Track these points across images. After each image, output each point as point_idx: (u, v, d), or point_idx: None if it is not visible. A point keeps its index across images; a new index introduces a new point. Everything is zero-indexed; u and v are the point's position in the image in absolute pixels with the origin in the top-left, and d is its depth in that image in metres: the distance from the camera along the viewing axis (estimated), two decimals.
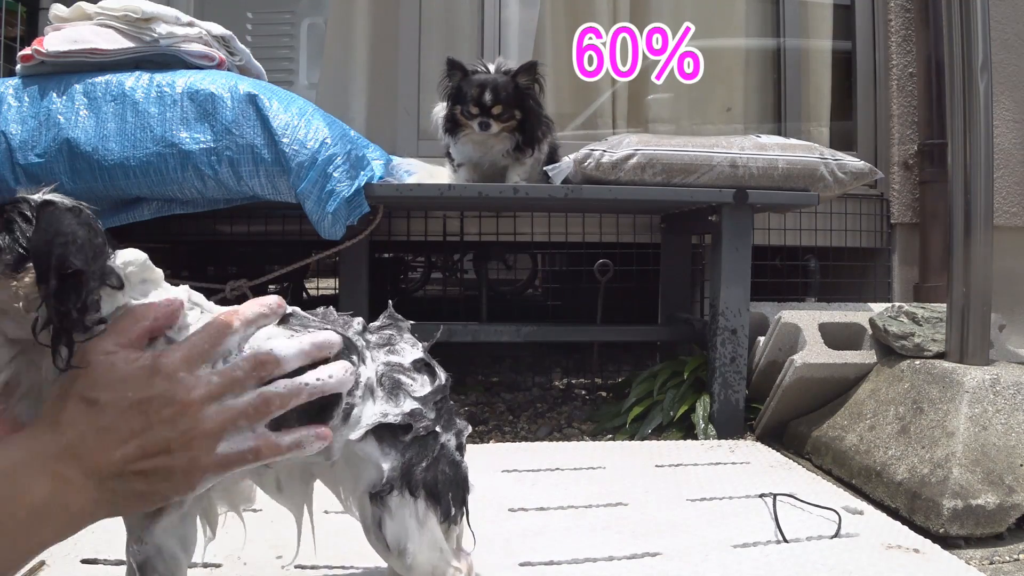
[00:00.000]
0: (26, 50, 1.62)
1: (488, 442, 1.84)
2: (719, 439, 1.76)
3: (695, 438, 1.77)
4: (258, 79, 1.85)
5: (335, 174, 1.60)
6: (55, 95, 1.59)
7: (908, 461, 1.36)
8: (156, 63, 1.67)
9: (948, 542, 1.19)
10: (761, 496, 1.32)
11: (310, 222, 1.64)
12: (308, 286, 3.60)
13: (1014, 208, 2.53)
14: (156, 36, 1.64)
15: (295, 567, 1.00)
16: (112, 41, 1.62)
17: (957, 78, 1.53)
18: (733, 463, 1.55)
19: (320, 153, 1.58)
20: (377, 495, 0.72)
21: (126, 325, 0.60)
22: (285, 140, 1.57)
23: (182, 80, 1.60)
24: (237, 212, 1.89)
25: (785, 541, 1.12)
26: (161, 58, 1.67)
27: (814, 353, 1.71)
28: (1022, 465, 1.28)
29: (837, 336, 1.79)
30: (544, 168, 1.91)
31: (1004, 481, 1.25)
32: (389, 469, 0.72)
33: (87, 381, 0.57)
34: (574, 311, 2.69)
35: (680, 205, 2.05)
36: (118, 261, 0.63)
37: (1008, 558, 1.17)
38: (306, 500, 0.79)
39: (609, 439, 1.86)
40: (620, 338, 2.35)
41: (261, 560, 1.02)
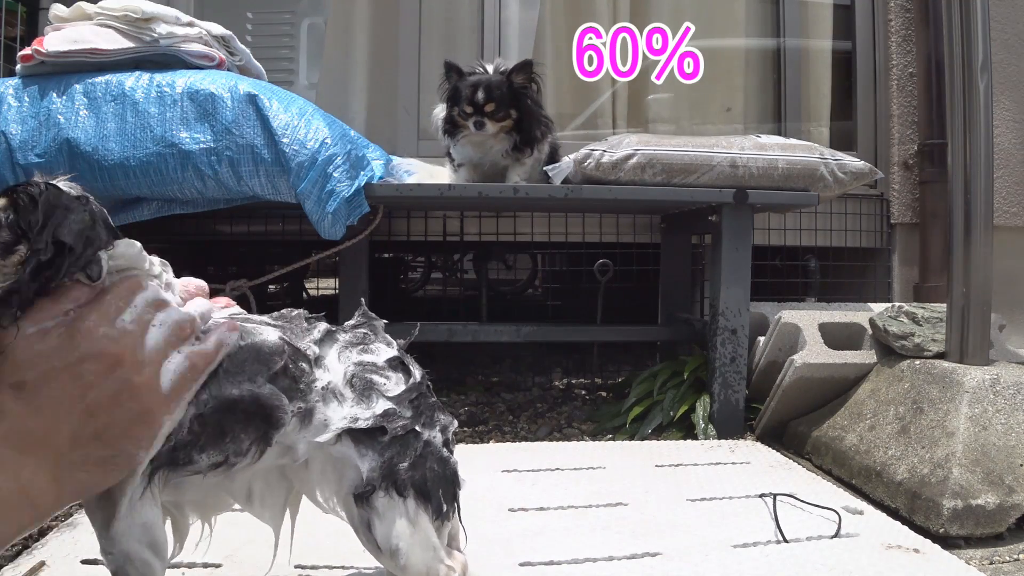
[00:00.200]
0: (26, 50, 1.62)
1: (488, 442, 1.84)
2: (719, 439, 1.76)
3: (695, 438, 1.77)
4: (258, 79, 1.85)
5: (335, 174, 1.60)
6: (55, 95, 1.59)
7: (908, 461, 1.36)
8: (156, 63, 1.67)
9: (948, 542, 1.19)
10: (761, 496, 1.32)
11: (310, 222, 1.64)
12: (308, 286, 3.60)
13: (1014, 208, 2.53)
14: (156, 36, 1.64)
15: (295, 567, 1.00)
16: (112, 41, 1.62)
17: (957, 78, 1.53)
18: (733, 463, 1.55)
19: (320, 153, 1.58)
20: (361, 496, 0.72)
21: (43, 306, 0.58)
22: (285, 140, 1.57)
23: (182, 80, 1.60)
24: (237, 212, 1.89)
25: (785, 541, 1.12)
26: (161, 58, 1.67)
27: (814, 353, 1.71)
28: (1022, 465, 1.28)
29: (837, 336, 1.79)
30: (544, 168, 1.91)
31: (1004, 481, 1.25)
32: (368, 469, 0.72)
33: (10, 368, 0.55)
34: (574, 311, 2.69)
35: (680, 205, 2.04)
36: (112, 251, 0.63)
37: (1008, 558, 1.17)
38: (286, 509, 0.78)
39: (609, 439, 1.86)
40: (620, 338, 2.35)
41: (261, 560, 1.02)
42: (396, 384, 0.76)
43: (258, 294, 1.71)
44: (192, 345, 0.64)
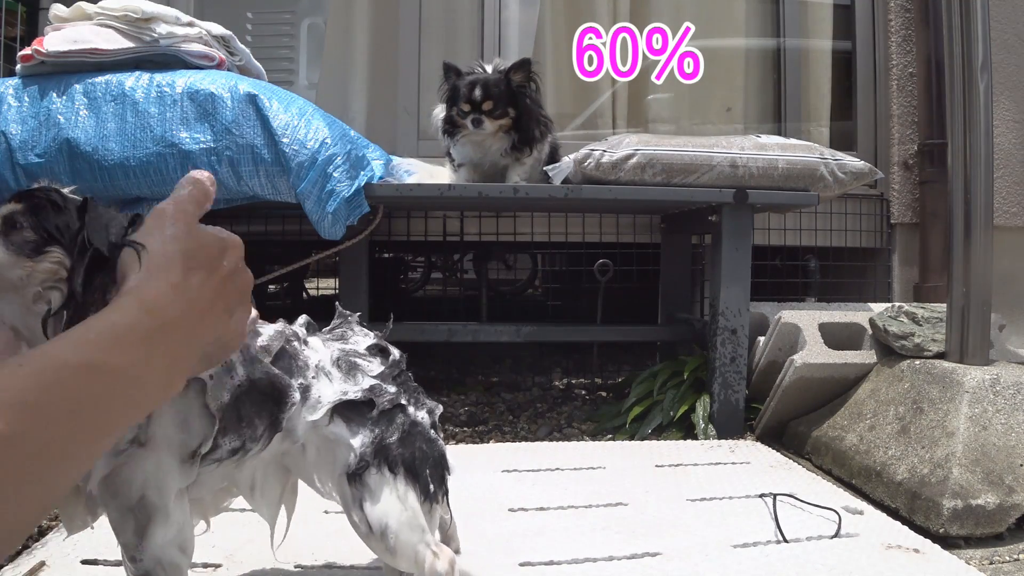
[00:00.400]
0: (26, 50, 1.61)
1: (488, 442, 1.84)
2: (719, 439, 1.76)
3: (695, 438, 1.77)
4: (258, 79, 1.85)
5: (335, 174, 1.60)
6: (55, 95, 1.59)
7: (908, 461, 1.36)
8: (156, 63, 1.67)
9: (948, 542, 1.19)
10: (761, 496, 1.32)
11: (310, 222, 1.64)
12: (308, 286, 3.60)
13: (1014, 208, 2.53)
14: (156, 36, 1.64)
15: (295, 567, 1.00)
16: (112, 41, 1.62)
17: (957, 78, 1.53)
18: (733, 463, 1.55)
19: (320, 153, 1.58)
20: (355, 475, 0.74)
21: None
22: (285, 140, 1.57)
23: (182, 80, 1.60)
24: (237, 212, 1.89)
25: (785, 541, 1.12)
26: (161, 58, 1.67)
27: (814, 353, 1.71)
28: (1022, 465, 1.28)
29: (837, 336, 1.79)
30: (544, 168, 1.91)
31: (1004, 481, 1.25)
32: (360, 446, 0.74)
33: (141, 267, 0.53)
34: (574, 311, 2.69)
35: (680, 205, 2.04)
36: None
37: (1008, 558, 1.17)
38: (283, 500, 0.80)
39: (609, 439, 1.86)
40: (620, 338, 2.35)
41: (261, 560, 1.02)
42: (378, 365, 0.81)
43: (258, 294, 1.71)
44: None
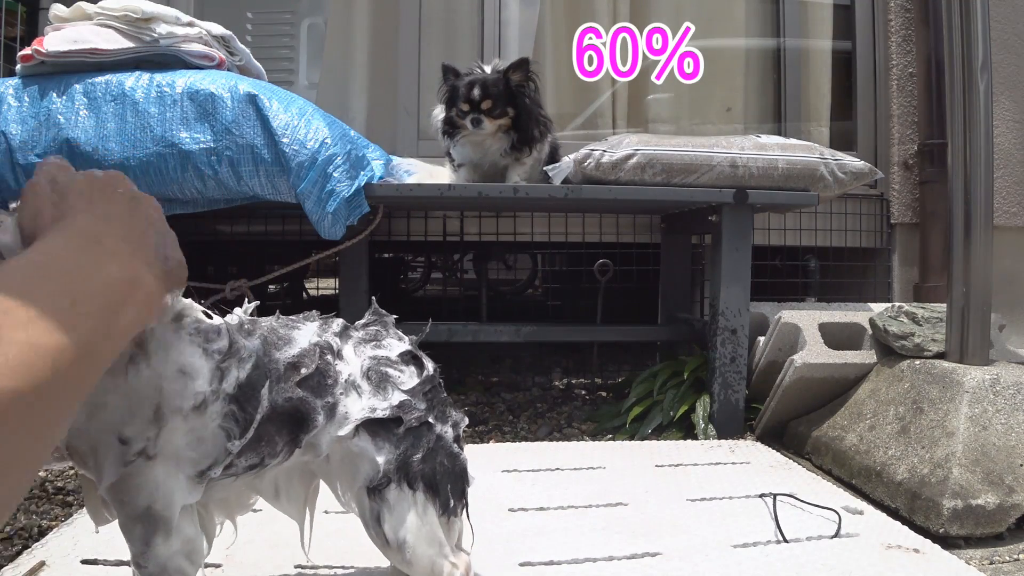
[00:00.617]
0: (26, 50, 1.61)
1: (488, 442, 1.84)
2: (719, 439, 1.76)
3: (695, 438, 1.77)
4: (258, 79, 1.85)
5: (335, 174, 1.60)
6: (55, 95, 1.59)
7: (908, 461, 1.36)
8: (156, 63, 1.67)
9: (948, 542, 1.19)
10: (761, 496, 1.32)
11: (310, 222, 1.64)
12: (308, 286, 3.60)
13: (1014, 208, 2.53)
14: (156, 36, 1.64)
15: (295, 567, 1.00)
16: (112, 41, 1.62)
17: (957, 78, 1.53)
18: (733, 463, 1.55)
19: (320, 153, 1.58)
20: (375, 489, 0.73)
21: None
22: (285, 140, 1.57)
23: (182, 80, 1.60)
24: (237, 212, 1.89)
25: (785, 541, 1.12)
26: (161, 58, 1.67)
27: (814, 353, 1.71)
28: (1022, 465, 1.28)
29: (837, 336, 1.79)
30: (544, 168, 1.91)
31: (1004, 481, 1.25)
32: (384, 462, 0.73)
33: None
34: (574, 311, 2.69)
35: (680, 205, 2.04)
36: None
37: (1008, 558, 1.17)
38: (308, 503, 0.79)
39: (609, 439, 1.86)
40: (620, 338, 2.35)
41: (261, 560, 1.02)
42: (410, 377, 0.78)
43: (258, 294, 1.71)
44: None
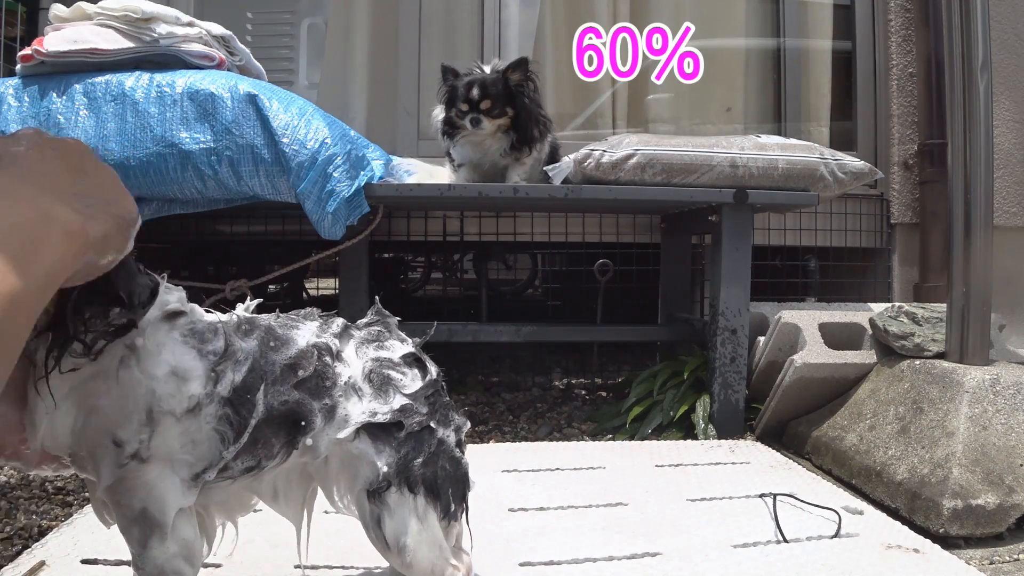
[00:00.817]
0: (26, 50, 1.61)
1: (488, 442, 1.84)
2: (719, 439, 1.76)
3: (695, 438, 1.77)
4: (258, 79, 1.85)
5: (335, 174, 1.60)
6: (55, 95, 1.59)
7: (908, 461, 1.36)
8: (156, 63, 1.67)
9: (948, 542, 1.19)
10: (761, 496, 1.32)
11: (310, 222, 1.64)
12: (308, 286, 3.60)
13: (1014, 208, 2.53)
14: (156, 36, 1.64)
15: (294, 567, 1.00)
16: (112, 41, 1.62)
17: (957, 78, 1.53)
18: (733, 463, 1.55)
19: (320, 153, 1.58)
20: (375, 492, 0.72)
21: None
22: (285, 140, 1.57)
23: (182, 80, 1.60)
24: (237, 212, 1.89)
25: (785, 541, 1.12)
26: (161, 58, 1.67)
27: (814, 353, 1.71)
28: (1022, 465, 1.28)
29: (837, 336, 1.79)
30: (544, 168, 1.91)
31: (1004, 481, 1.25)
32: (385, 466, 0.72)
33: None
34: (574, 311, 2.69)
35: (680, 205, 2.04)
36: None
37: (1008, 558, 1.17)
38: (306, 505, 0.79)
39: (609, 439, 1.86)
40: (620, 338, 2.35)
41: (261, 560, 1.02)
42: (413, 380, 0.77)
43: (258, 294, 1.71)
44: None
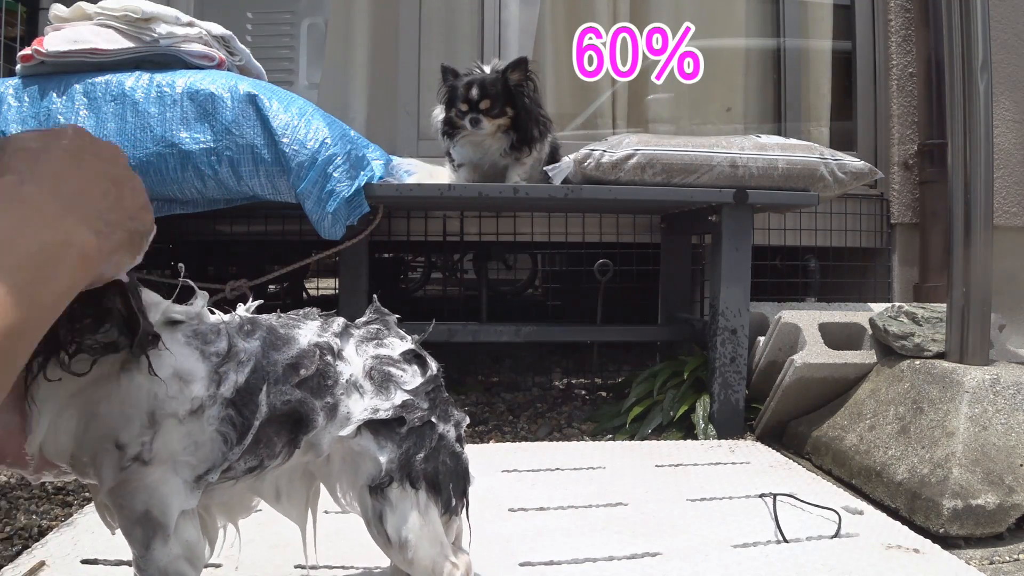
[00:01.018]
0: (26, 50, 1.61)
1: (488, 442, 1.84)
2: (719, 439, 1.76)
3: (695, 438, 1.77)
4: (258, 79, 1.85)
5: (335, 174, 1.60)
6: (55, 95, 1.59)
7: (908, 461, 1.36)
8: (156, 63, 1.67)
9: (948, 542, 1.19)
10: (761, 496, 1.32)
11: (310, 222, 1.64)
12: (308, 286, 3.60)
13: (1014, 208, 2.53)
14: (156, 36, 1.64)
15: (295, 567, 1.00)
16: (112, 41, 1.62)
17: (957, 78, 1.53)
18: (733, 463, 1.55)
19: (320, 153, 1.58)
20: (377, 488, 0.73)
21: None
22: (285, 140, 1.57)
23: (182, 80, 1.60)
24: (237, 212, 1.89)
25: (785, 541, 1.12)
26: (161, 58, 1.67)
27: (814, 353, 1.71)
28: (1022, 465, 1.28)
29: (837, 336, 1.79)
30: (544, 168, 1.91)
31: (1004, 481, 1.25)
32: (387, 461, 0.73)
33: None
34: (574, 311, 2.69)
35: (680, 205, 2.04)
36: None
37: (1008, 558, 1.17)
38: (309, 504, 0.79)
39: (609, 439, 1.86)
40: (620, 338, 2.34)
41: (261, 560, 1.02)
42: (413, 376, 0.77)
43: (258, 294, 1.70)
44: None
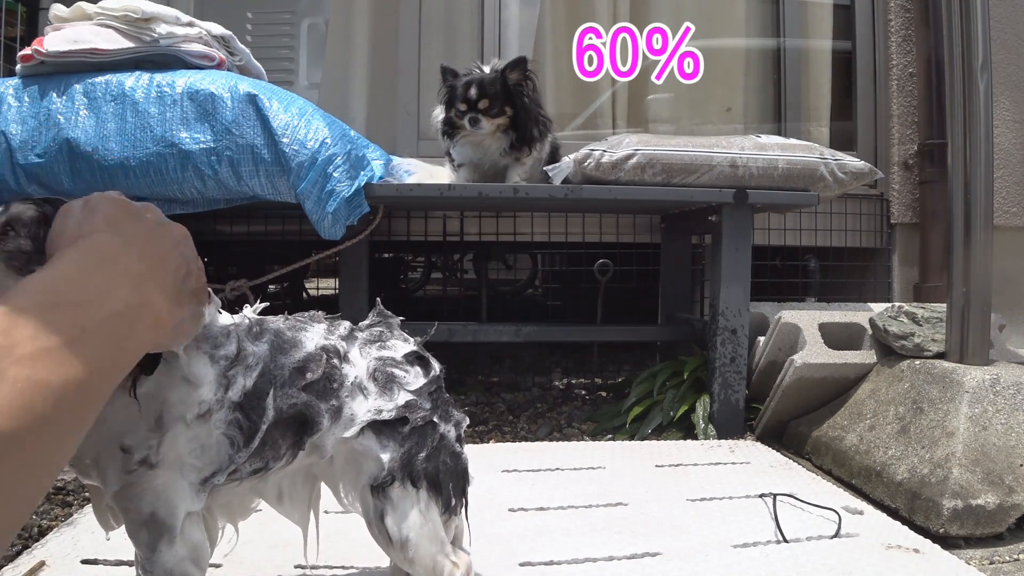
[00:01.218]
0: (26, 50, 1.62)
1: (488, 442, 1.84)
2: (719, 439, 1.76)
3: (695, 438, 1.77)
4: (258, 79, 1.85)
5: (335, 174, 1.60)
6: (55, 95, 1.59)
7: (908, 461, 1.36)
8: (156, 63, 1.67)
9: (948, 542, 1.19)
10: (761, 496, 1.32)
11: (310, 222, 1.64)
12: (308, 286, 3.60)
13: (1014, 208, 2.53)
14: (156, 36, 1.64)
15: (295, 567, 1.00)
16: (112, 41, 1.62)
17: (957, 78, 1.53)
18: (733, 463, 1.55)
19: (320, 153, 1.58)
20: (378, 487, 0.73)
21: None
22: (285, 140, 1.57)
23: (182, 80, 1.60)
24: (237, 212, 1.89)
25: (785, 541, 1.12)
26: (161, 58, 1.67)
27: (814, 353, 1.71)
28: (1022, 465, 1.28)
29: (837, 336, 1.79)
30: (544, 168, 1.91)
31: (1004, 481, 1.25)
32: (389, 460, 0.73)
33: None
34: (574, 311, 2.69)
35: (680, 205, 2.04)
36: None
37: (1008, 558, 1.17)
38: (312, 505, 0.80)
39: (609, 439, 1.86)
40: (620, 338, 2.34)
41: (261, 560, 1.02)
42: (416, 377, 0.78)
43: (258, 294, 1.71)
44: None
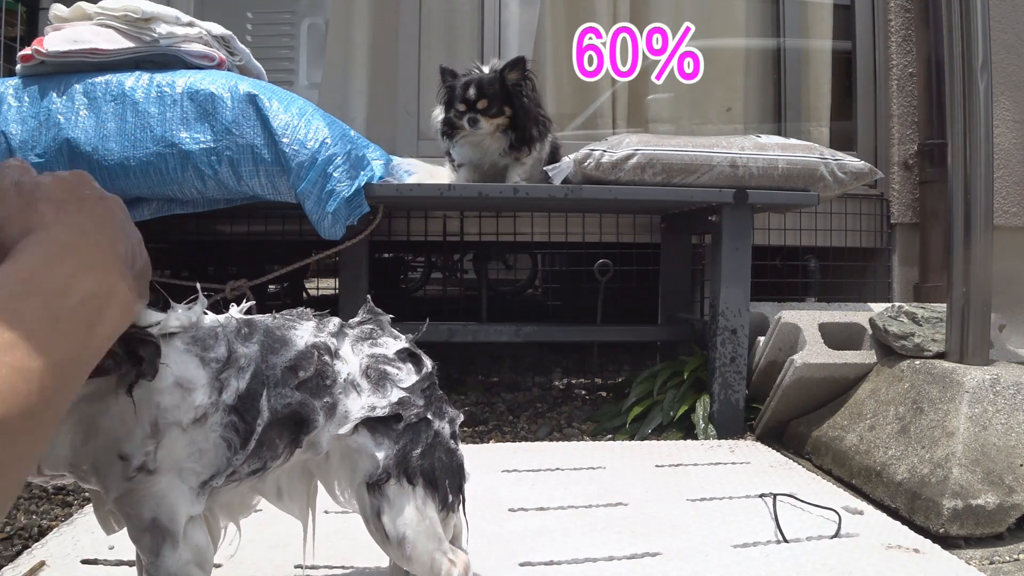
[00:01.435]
0: (26, 50, 1.62)
1: (488, 442, 1.84)
2: (719, 439, 1.76)
3: (695, 438, 1.77)
4: (258, 79, 1.85)
5: (335, 174, 1.60)
6: (55, 95, 1.59)
7: (908, 461, 1.36)
8: (156, 63, 1.67)
9: (948, 542, 1.19)
10: (761, 496, 1.32)
11: (310, 222, 1.64)
12: (308, 286, 3.60)
13: (1014, 208, 2.53)
14: (156, 36, 1.64)
15: (295, 567, 1.00)
16: (112, 41, 1.62)
17: (957, 78, 1.53)
18: (733, 463, 1.55)
19: (320, 153, 1.58)
20: (374, 485, 0.73)
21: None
22: (285, 140, 1.57)
23: (182, 80, 1.60)
24: (237, 212, 1.89)
25: (785, 541, 1.12)
26: (161, 58, 1.67)
27: (814, 353, 1.71)
28: (1022, 465, 1.28)
29: (837, 336, 1.79)
30: (544, 168, 1.91)
31: (1004, 481, 1.25)
32: (384, 458, 0.73)
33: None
34: (574, 311, 2.69)
35: (680, 205, 2.04)
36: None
37: (1008, 558, 1.17)
38: (310, 501, 0.80)
39: (609, 439, 1.86)
40: (620, 338, 2.35)
41: (261, 560, 1.02)
42: (408, 374, 0.78)
43: (258, 294, 1.71)
44: None
